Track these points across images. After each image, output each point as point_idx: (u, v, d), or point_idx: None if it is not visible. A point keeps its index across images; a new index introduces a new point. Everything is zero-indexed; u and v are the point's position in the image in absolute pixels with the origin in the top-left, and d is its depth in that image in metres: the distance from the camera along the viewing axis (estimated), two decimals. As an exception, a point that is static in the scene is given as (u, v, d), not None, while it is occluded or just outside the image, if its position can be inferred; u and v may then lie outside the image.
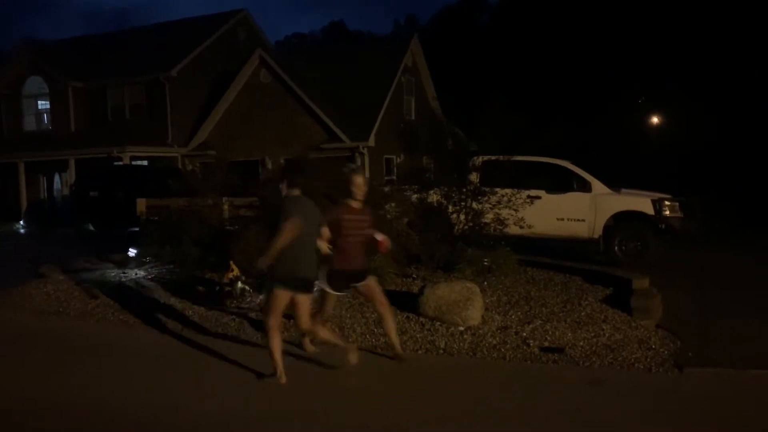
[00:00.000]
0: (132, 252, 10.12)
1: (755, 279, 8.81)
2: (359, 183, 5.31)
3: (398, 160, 19.30)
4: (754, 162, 23.88)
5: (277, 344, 4.99)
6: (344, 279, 5.33)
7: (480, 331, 6.25)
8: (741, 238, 13.34)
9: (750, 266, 9.95)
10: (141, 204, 11.59)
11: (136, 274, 9.52)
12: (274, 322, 4.97)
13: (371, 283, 5.46)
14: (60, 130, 23.90)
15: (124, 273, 9.61)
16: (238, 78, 22.16)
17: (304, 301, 5.02)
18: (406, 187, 9.52)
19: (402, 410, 4.50)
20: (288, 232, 4.74)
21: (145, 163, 22.69)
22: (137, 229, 12.02)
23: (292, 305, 5.02)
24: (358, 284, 5.40)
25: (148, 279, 9.18)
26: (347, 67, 21.89)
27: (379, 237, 5.41)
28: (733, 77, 26.93)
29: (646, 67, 29.42)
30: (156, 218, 10.71)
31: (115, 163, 21.04)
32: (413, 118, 22.32)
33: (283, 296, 4.94)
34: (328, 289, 5.37)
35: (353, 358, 5.10)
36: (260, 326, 6.69)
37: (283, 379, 4.91)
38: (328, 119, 20.59)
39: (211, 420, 4.38)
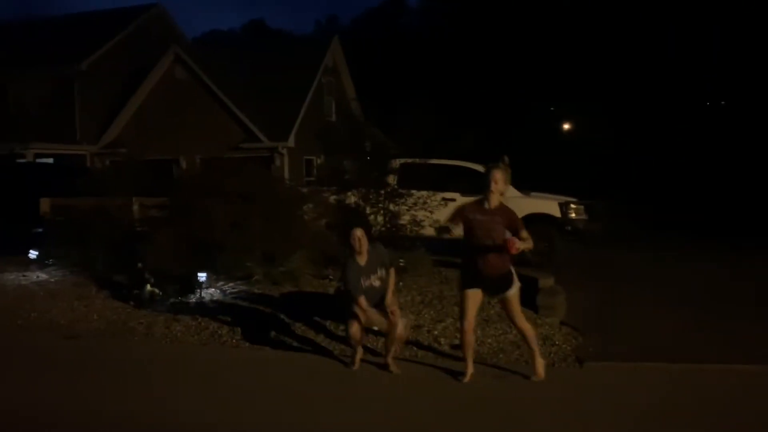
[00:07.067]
0: (33, 254, 9.60)
1: (655, 278, 9.35)
2: (498, 178, 4.73)
3: (318, 161, 19.25)
4: (661, 167, 25.47)
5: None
6: (476, 281, 4.84)
7: (394, 331, 6.33)
8: (644, 239, 14.10)
9: (650, 266, 10.53)
10: (45, 203, 11.00)
11: (38, 276, 9.05)
12: None
13: (509, 298, 4.92)
14: (-45, 125, 22.33)
15: (23, 276, 9.12)
16: (151, 74, 21.43)
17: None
18: (325, 188, 9.52)
19: (307, 408, 4.51)
20: None
21: (50, 160, 21.54)
22: (41, 229, 11.40)
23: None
24: (495, 296, 4.96)
25: (51, 282, 8.75)
26: (267, 67, 21.61)
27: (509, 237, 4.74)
28: (638, 89, 28.61)
29: (558, 79, 30.77)
30: (61, 218, 10.20)
31: (18, 161, 19.87)
32: (334, 119, 22.30)
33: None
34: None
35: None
36: (172, 328, 6.54)
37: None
38: (246, 118, 20.24)
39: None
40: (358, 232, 5.42)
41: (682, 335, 6.25)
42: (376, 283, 5.40)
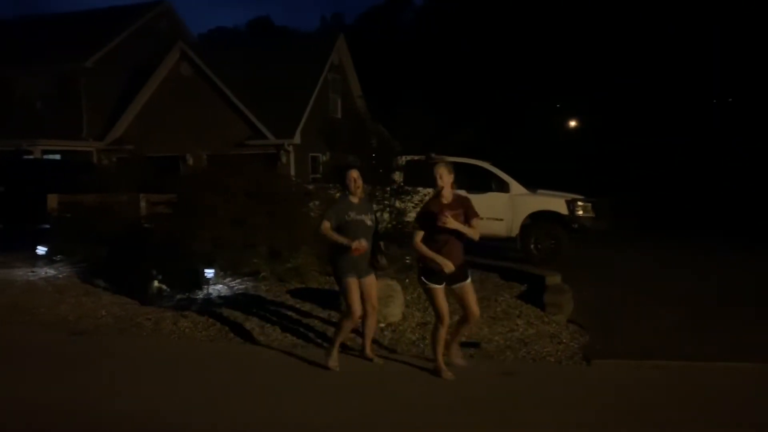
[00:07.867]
0: (41, 250, 9.64)
1: (659, 276, 9.34)
2: (441, 173, 4.99)
3: (324, 158, 19.25)
4: (664, 166, 25.35)
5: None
6: (442, 276, 4.99)
7: (400, 328, 6.35)
8: (649, 237, 14.08)
9: (655, 264, 10.51)
10: (52, 200, 11.03)
11: (46, 272, 9.10)
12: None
13: (467, 287, 5.14)
14: (-38, 121, 22.40)
15: (32, 271, 9.16)
16: (157, 71, 21.47)
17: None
18: (331, 185, 9.51)
19: (307, 406, 4.52)
20: None
21: (57, 157, 21.62)
22: (48, 226, 11.45)
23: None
24: (454, 286, 5.09)
25: (58, 277, 8.79)
26: (273, 64, 21.62)
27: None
28: (639, 86, 28.52)
29: (562, 76, 30.69)
30: (68, 215, 10.25)
31: (25, 157, 19.94)
32: (339, 116, 22.31)
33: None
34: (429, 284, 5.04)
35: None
36: (180, 324, 6.56)
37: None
38: (252, 115, 20.27)
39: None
40: (354, 173, 5.30)
41: (687, 333, 6.24)
42: (368, 222, 5.29)
